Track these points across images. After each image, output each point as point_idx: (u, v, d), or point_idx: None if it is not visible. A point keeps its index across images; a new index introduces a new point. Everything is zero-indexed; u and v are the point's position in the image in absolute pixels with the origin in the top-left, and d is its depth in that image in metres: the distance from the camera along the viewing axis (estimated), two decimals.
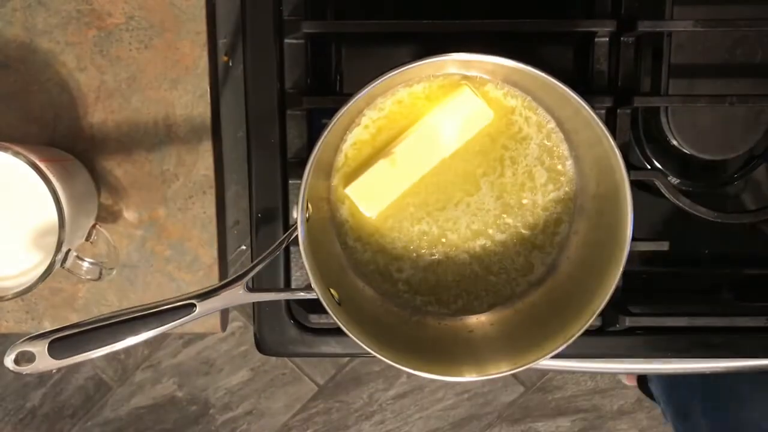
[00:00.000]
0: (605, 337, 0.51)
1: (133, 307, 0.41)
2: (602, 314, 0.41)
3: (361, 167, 0.46)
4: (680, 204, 0.50)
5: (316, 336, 0.51)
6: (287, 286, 0.51)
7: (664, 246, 0.51)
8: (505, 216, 0.47)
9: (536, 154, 0.46)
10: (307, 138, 0.49)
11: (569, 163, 0.46)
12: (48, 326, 0.54)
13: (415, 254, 0.47)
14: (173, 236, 0.54)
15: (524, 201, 0.47)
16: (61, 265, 0.45)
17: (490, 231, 0.47)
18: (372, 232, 0.47)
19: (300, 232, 0.40)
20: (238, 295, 0.41)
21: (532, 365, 0.42)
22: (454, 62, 0.43)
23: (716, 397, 0.69)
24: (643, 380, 1.08)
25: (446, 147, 0.45)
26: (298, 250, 0.40)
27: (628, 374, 1.17)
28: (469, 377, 0.43)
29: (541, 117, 0.46)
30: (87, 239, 0.50)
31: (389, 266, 0.47)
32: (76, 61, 0.52)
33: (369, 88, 0.39)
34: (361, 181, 0.45)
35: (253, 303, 0.50)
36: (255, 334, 0.52)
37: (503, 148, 0.46)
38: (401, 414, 1.34)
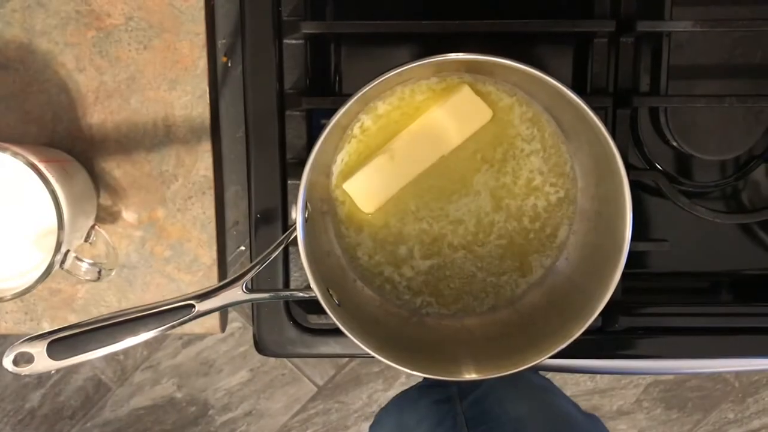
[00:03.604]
0: (605, 337, 0.51)
1: (132, 308, 0.41)
2: (602, 314, 0.41)
3: (360, 167, 0.46)
4: (680, 204, 0.50)
5: (315, 336, 0.51)
6: (286, 287, 0.51)
7: (663, 246, 0.51)
8: (504, 217, 0.47)
9: (535, 154, 0.46)
10: (306, 138, 0.49)
11: (568, 164, 0.46)
12: (47, 327, 0.54)
13: (415, 255, 0.47)
14: (172, 237, 0.54)
15: (523, 202, 0.46)
16: (60, 266, 0.45)
17: (490, 232, 0.47)
18: (372, 232, 0.47)
19: (299, 233, 0.40)
20: (237, 295, 0.41)
21: (532, 366, 0.42)
22: (454, 62, 0.43)
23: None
24: None
25: (445, 144, 0.45)
26: (297, 251, 0.40)
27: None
28: (469, 378, 0.43)
29: (540, 117, 0.46)
30: (86, 240, 0.50)
31: (389, 267, 0.47)
32: (75, 61, 0.52)
33: (368, 88, 0.39)
34: (358, 176, 0.45)
35: (252, 303, 0.50)
36: (254, 335, 0.51)
37: (502, 148, 0.46)
38: None
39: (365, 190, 0.46)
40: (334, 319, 0.40)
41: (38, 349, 0.40)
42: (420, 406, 0.69)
